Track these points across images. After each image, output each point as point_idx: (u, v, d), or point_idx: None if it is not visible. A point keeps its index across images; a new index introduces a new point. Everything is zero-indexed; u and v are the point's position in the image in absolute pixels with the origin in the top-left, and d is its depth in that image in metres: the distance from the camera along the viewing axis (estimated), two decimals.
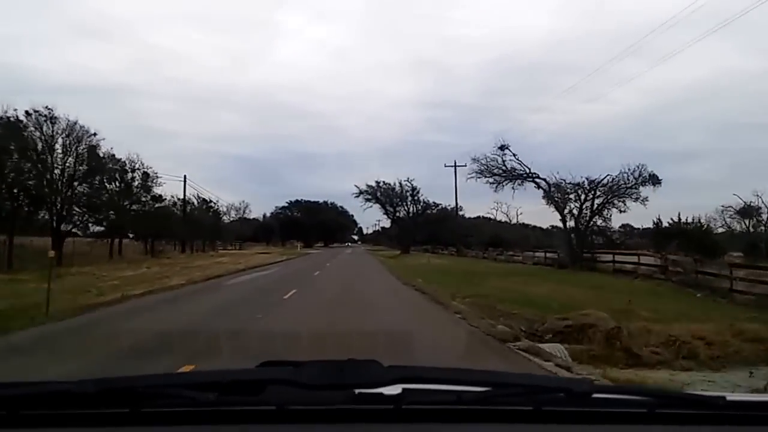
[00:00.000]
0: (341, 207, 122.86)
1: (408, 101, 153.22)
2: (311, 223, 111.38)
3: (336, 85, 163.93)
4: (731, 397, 1.45)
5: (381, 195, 76.47)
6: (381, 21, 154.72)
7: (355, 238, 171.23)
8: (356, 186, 76.13)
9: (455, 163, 56.67)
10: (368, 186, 75.71)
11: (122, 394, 1.35)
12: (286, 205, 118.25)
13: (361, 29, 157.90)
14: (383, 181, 77.06)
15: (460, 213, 78.20)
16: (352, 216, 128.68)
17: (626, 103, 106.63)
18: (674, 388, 5.21)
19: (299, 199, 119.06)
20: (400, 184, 76.95)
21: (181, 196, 56.17)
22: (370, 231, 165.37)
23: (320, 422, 1.32)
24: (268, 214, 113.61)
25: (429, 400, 1.37)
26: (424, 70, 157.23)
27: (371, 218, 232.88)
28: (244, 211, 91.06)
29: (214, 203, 71.03)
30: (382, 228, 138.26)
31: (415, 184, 77.87)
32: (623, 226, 50.35)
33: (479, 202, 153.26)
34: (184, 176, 55.39)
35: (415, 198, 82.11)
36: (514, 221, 73.85)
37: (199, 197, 65.97)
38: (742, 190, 61.30)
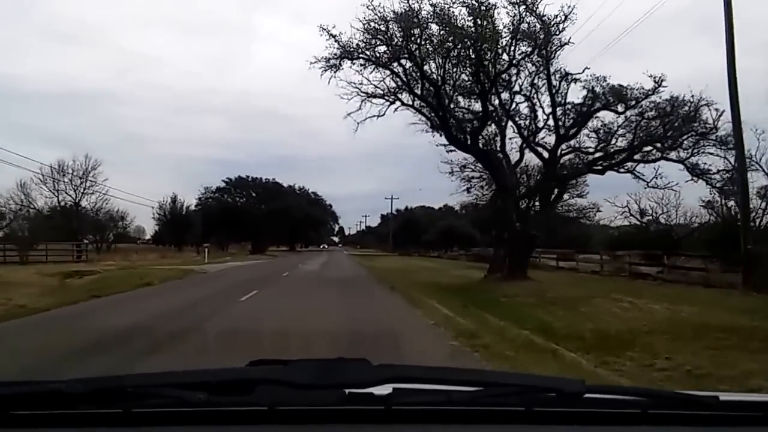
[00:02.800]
0: (315, 194, 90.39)
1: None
2: (267, 215, 71.71)
3: (314, 89, 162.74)
4: (724, 397, 1.45)
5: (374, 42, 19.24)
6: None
7: (336, 239, 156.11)
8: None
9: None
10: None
11: (112, 393, 1.34)
12: (224, 184, 74.93)
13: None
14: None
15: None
16: (331, 207, 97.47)
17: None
18: (667, 389, 5.24)
19: (246, 176, 76.82)
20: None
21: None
22: (353, 231, 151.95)
23: (311, 423, 1.32)
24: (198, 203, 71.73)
25: (419, 401, 1.36)
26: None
27: (354, 216, 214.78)
28: (180, 208, 61.53)
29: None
30: (368, 228, 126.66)
31: None
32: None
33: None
34: None
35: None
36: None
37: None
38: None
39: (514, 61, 18.87)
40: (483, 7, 17.27)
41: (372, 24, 17.93)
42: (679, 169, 20.18)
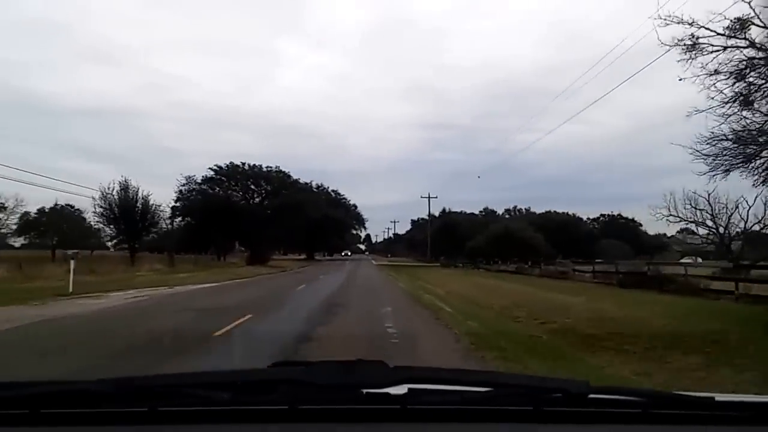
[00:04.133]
0: (336, 192, 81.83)
1: (408, 123, 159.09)
2: (271, 213, 56.46)
3: (339, 108, 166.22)
4: (720, 397, 1.53)
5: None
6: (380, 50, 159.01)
7: (362, 247, 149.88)
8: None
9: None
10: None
11: (140, 393, 1.39)
12: (213, 173, 57.56)
13: (359, 58, 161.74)
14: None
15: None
16: (356, 207, 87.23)
17: (612, 124, 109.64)
18: (667, 390, 5.32)
19: (241, 163, 59.15)
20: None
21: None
22: (380, 239, 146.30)
23: (330, 421, 1.38)
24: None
25: (433, 401, 1.42)
26: (421, 94, 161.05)
27: (379, 225, 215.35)
28: (134, 198, 43.56)
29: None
30: (396, 235, 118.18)
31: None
32: None
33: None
34: None
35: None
36: None
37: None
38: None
39: None
40: None
41: None
42: None
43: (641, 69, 28.73)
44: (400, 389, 1.39)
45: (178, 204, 54.14)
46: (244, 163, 59.35)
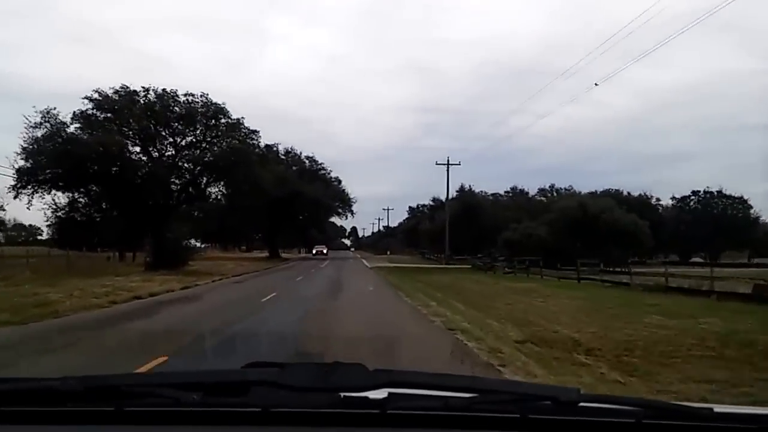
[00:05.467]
0: (311, 160, 59.06)
1: (398, 106, 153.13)
2: (196, 178, 33.93)
3: (328, 91, 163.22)
4: (719, 408, 1.46)
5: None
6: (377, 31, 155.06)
7: (347, 242, 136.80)
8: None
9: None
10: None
11: (106, 392, 1.35)
12: (93, 106, 31.00)
13: (351, 36, 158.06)
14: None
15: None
16: (339, 183, 61.08)
17: (616, 105, 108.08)
18: (661, 400, 5.24)
19: (143, 89, 32.12)
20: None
21: None
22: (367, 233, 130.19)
23: (305, 425, 1.32)
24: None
25: (415, 406, 1.37)
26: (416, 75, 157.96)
27: (366, 214, 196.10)
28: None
29: None
30: (387, 228, 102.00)
31: None
32: None
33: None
34: None
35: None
36: None
37: None
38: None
39: None
40: None
41: None
42: None
43: None
44: (380, 393, 1.33)
45: (25, 162, 29.36)
46: (147, 89, 32.52)
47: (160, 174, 31.19)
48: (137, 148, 32.94)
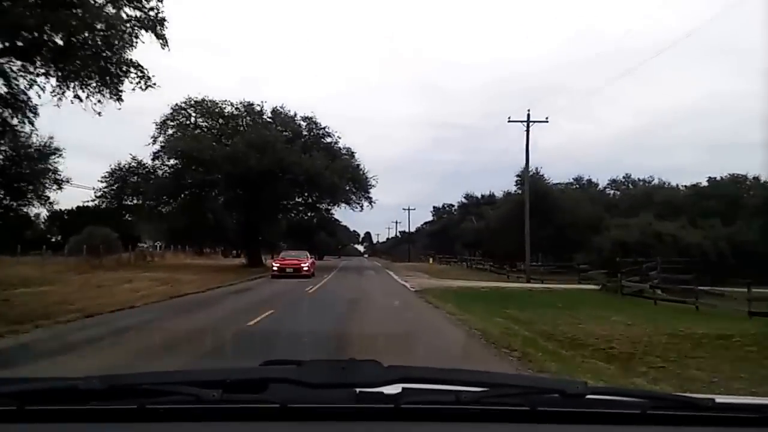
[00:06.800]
0: (310, 121, 39.21)
1: (412, 122, 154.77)
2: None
3: (345, 106, 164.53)
4: (720, 399, 1.50)
5: None
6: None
7: (360, 248, 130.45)
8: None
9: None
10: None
11: (127, 390, 1.37)
12: None
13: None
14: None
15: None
16: (352, 156, 39.81)
17: (618, 123, 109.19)
18: (665, 391, 5.28)
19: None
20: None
21: None
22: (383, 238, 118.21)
23: (322, 420, 1.36)
24: None
25: (427, 400, 1.40)
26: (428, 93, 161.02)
27: (378, 223, 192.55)
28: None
29: None
30: (403, 233, 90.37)
31: None
32: None
33: None
34: None
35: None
36: None
37: None
38: None
39: None
40: None
41: None
42: None
43: None
44: (394, 388, 1.37)
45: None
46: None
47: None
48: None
